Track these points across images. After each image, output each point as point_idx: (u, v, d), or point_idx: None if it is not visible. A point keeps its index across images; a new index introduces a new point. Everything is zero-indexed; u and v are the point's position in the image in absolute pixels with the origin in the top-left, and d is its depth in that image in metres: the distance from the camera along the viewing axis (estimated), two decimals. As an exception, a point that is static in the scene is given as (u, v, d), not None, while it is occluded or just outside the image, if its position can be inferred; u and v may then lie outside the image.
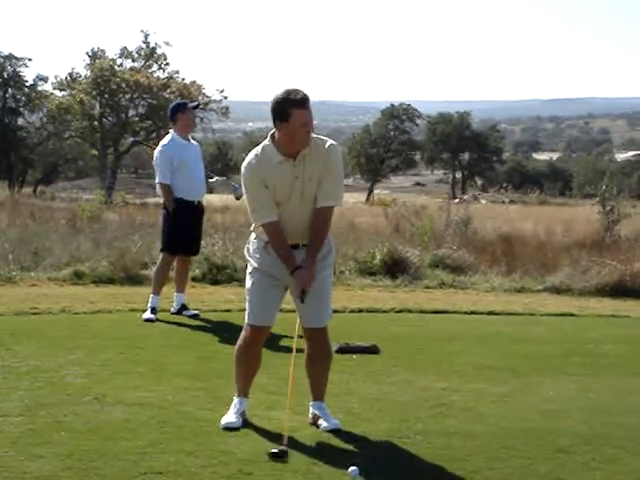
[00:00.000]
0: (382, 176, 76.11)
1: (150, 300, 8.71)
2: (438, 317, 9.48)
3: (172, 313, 8.88)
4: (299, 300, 4.98)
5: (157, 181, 8.81)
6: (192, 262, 9.84)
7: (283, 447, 4.62)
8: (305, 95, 4.83)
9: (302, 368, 5.32)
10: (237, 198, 9.20)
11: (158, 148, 8.85)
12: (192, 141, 9.04)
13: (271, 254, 5.06)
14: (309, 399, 5.30)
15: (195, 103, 9.60)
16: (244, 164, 5.03)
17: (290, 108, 4.80)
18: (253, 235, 5.21)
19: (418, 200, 29.97)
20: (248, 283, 5.20)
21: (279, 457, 4.56)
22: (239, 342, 5.27)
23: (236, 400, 5.27)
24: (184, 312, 8.88)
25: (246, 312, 5.20)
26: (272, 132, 5.01)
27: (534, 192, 42.28)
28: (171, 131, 8.86)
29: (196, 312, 8.91)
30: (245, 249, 5.32)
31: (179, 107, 8.95)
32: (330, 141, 5.05)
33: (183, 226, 8.70)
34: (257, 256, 5.14)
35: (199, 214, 8.95)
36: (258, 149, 5.01)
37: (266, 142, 4.98)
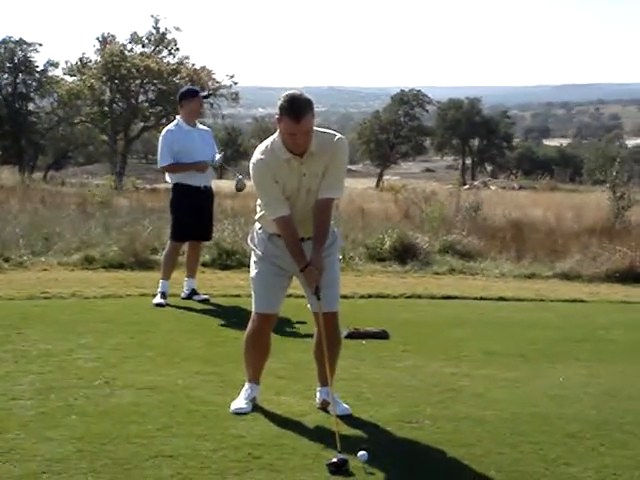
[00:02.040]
0: (392, 162, 76.00)
1: (160, 285, 8.73)
2: (448, 303, 9.48)
3: (182, 298, 8.90)
4: (315, 297, 4.96)
5: (158, 166, 8.86)
6: (202, 247, 9.85)
7: (342, 456, 4.31)
8: (301, 109, 4.73)
9: (309, 353, 5.34)
10: (238, 189, 9.17)
11: (164, 131, 8.87)
12: (201, 126, 9.04)
13: (277, 245, 5.07)
14: (317, 384, 5.31)
15: (205, 93, 9.51)
16: (253, 160, 4.99)
17: (283, 114, 4.78)
18: (257, 225, 5.22)
19: (428, 186, 29.86)
20: (253, 272, 5.21)
21: (339, 468, 4.24)
22: (248, 330, 5.28)
23: (247, 386, 5.29)
24: (194, 297, 8.90)
25: (252, 300, 5.22)
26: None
27: (544, 178, 42.06)
28: (178, 116, 8.88)
29: (206, 297, 8.93)
30: (249, 238, 5.32)
31: (186, 94, 8.93)
32: (338, 135, 5.02)
33: (189, 211, 8.67)
34: (262, 246, 5.15)
35: (207, 199, 8.90)
36: (267, 144, 4.97)
37: (275, 137, 4.95)
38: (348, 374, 5.90)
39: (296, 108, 4.74)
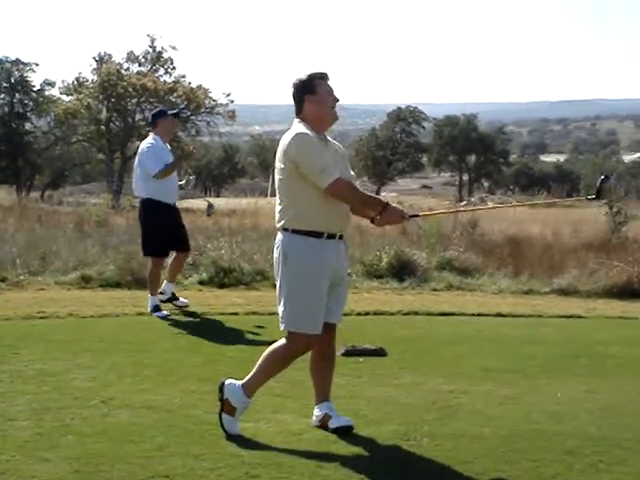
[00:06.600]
0: (389, 179, 76.15)
1: (150, 301, 9.01)
2: (445, 319, 9.47)
3: (162, 301, 9.16)
4: (333, 309, 5.04)
5: (153, 174, 8.89)
6: (199, 265, 10.05)
7: None
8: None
9: (305, 371, 5.31)
10: (208, 215, 9.77)
11: (145, 144, 9.03)
12: (168, 146, 9.40)
13: (324, 246, 4.95)
14: (314, 401, 5.27)
15: (175, 110, 9.83)
16: (298, 132, 4.92)
17: (318, 80, 5.03)
18: (294, 238, 4.92)
19: (425, 202, 29.92)
20: (296, 287, 4.90)
21: None
22: (287, 351, 5.01)
23: (248, 402, 5.12)
24: (175, 302, 9.23)
25: (295, 320, 4.92)
26: (298, 120, 5.06)
27: (541, 194, 42.11)
28: (151, 134, 9.17)
29: (186, 301, 9.28)
30: (283, 250, 4.94)
31: (160, 113, 9.33)
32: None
33: (169, 226, 9.09)
34: (306, 256, 4.90)
35: (177, 214, 9.32)
36: (301, 128, 4.97)
37: (300, 125, 4.99)
38: (345, 392, 5.88)
39: (322, 72, 5.09)
